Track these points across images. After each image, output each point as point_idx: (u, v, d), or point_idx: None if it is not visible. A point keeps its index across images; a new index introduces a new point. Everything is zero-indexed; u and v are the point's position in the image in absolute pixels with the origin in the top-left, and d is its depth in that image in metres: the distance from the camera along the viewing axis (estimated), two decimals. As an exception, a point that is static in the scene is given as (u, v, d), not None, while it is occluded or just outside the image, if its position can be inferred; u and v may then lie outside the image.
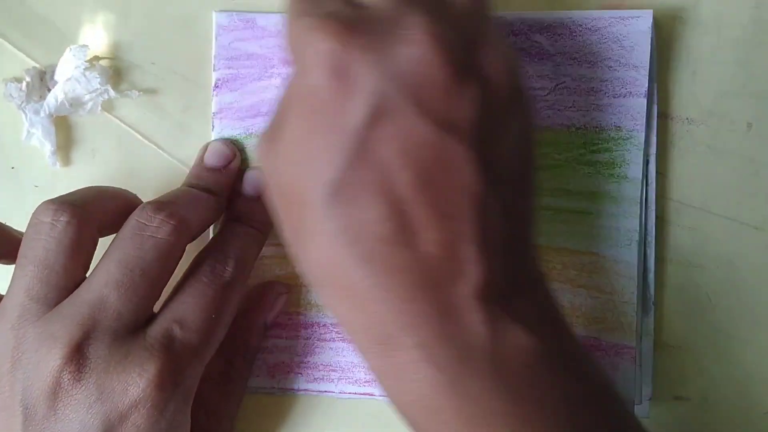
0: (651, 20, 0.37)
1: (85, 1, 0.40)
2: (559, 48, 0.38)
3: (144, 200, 0.40)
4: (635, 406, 0.38)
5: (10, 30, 0.41)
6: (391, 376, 0.30)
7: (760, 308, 0.38)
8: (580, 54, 0.38)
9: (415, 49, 0.28)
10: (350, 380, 0.39)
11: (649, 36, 0.37)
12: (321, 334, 0.39)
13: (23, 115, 0.40)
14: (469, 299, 0.28)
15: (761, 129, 0.38)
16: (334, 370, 0.39)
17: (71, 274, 0.33)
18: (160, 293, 0.34)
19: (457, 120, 0.28)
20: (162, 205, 0.34)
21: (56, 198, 0.34)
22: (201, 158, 0.39)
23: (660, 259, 0.38)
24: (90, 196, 0.36)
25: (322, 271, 0.30)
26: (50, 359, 0.31)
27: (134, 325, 0.33)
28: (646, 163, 0.38)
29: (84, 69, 0.39)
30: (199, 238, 0.37)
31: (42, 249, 0.33)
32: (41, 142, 0.40)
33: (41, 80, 0.41)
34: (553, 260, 0.38)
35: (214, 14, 0.39)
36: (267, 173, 0.32)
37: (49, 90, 0.40)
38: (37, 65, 0.40)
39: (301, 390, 0.40)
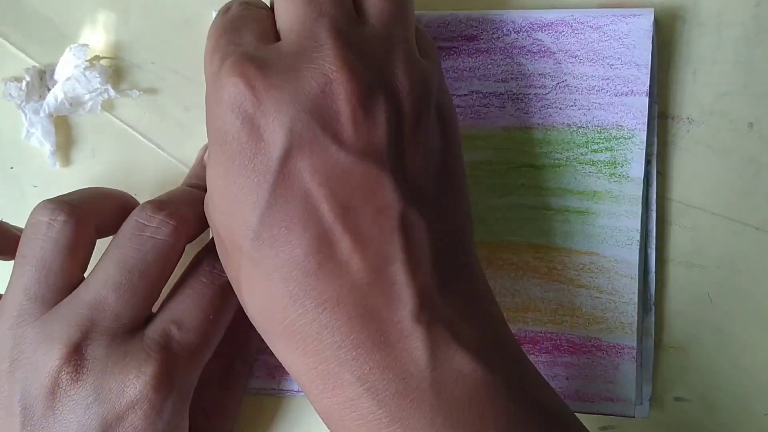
0: (652, 18, 0.37)
1: (85, 1, 0.40)
2: (561, 46, 0.38)
3: (143, 200, 0.40)
4: (636, 406, 0.38)
5: (9, 29, 0.41)
6: (335, 417, 0.29)
7: (761, 309, 0.38)
8: (582, 52, 0.38)
9: (322, 79, 0.29)
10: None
11: (651, 34, 0.37)
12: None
13: (23, 115, 0.40)
14: (407, 323, 0.28)
15: (762, 129, 0.38)
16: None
17: (69, 273, 0.33)
18: (159, 293, 0.34)
19: (369, 144, 0.29)
20: (162, 204, 0.34)
21: (54, 198, 0.34)
22: (201, 158, 0.39)
23: (661, 260, 0.38)
24: (88, 196, 0.36)
25: (261, 314, 0.30)
26: (49, 360, 0.32)
27: (132, 326, 0.33)
28: (648, 162, 0.38)
29: (84, 68, 0.39)
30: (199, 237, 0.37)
31: (39, 249, 0.33)
32: (41, 142, 0.40)
33: (41, 80, 0.41)
34: (553, 260, 0.38)
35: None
36: (207, 216, 0.33)
37: (49, 89, 0.40)
38: (37, 64, 0.40)
39: (301, 391, 0.39)
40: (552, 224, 0.38)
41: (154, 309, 0.34)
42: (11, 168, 0.41)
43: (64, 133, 0.41)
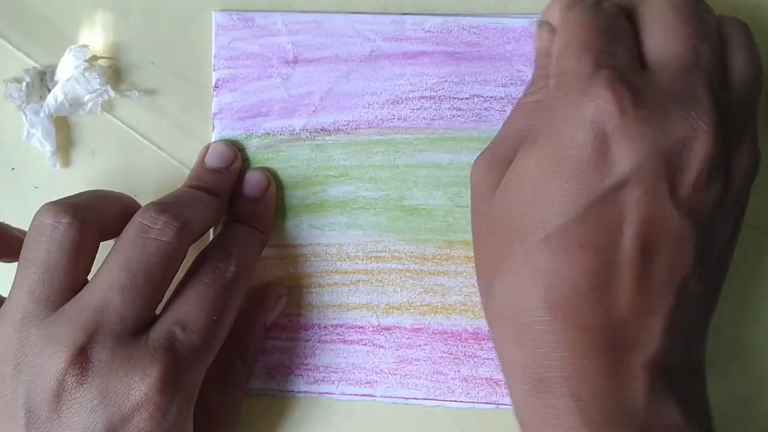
0: None
1: (85, 2, 0.40)
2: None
3: (143, 201, 0.40)
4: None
5: (10, 30, 0.41)
6: (535, 415, 0.31)
7: (761, 309, 0.38)
8: None
9: (688, 132, 0.29)
10: (350, 382, 0.39)
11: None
12: (321, 335, 0.39)
13: (23, 116, 0.40)
14: (638, 368, 0.29)
15: (762, 129, 0.37)
16: (334, 372, 0.39)
17: (73, 276, 0.33)
18: (163, 295, 0.34)
19: (696, 206, 0.29)
20: (165, 206, 0.34)
21: (58, 200, 0.34)
22: (202, 159, 0.39)
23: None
24: (91, 198, 0.36)
25: (506, 306, 0.31)
26: (53, 362, 0.32)
27: (137, 328, 0.33)
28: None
29: (84, 69, 0.39)
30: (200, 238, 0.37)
31: (44, 251, 0.33)
32: (41, 143, 0.40)
33: (41, 80, 0.40)
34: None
35: (213, 14, 0.39)
36: (477, 197, 0.33)
37: (49, 90, 0.40)
38: (37, 65, 0.40)
39: (302, 392, 0.40)
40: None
41: (159, 309, 0.35)
42: (12, 169, 0.41)
43: (65, 134, 0.41)
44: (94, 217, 0.34)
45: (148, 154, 0.40)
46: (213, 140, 0.39)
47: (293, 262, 0.40)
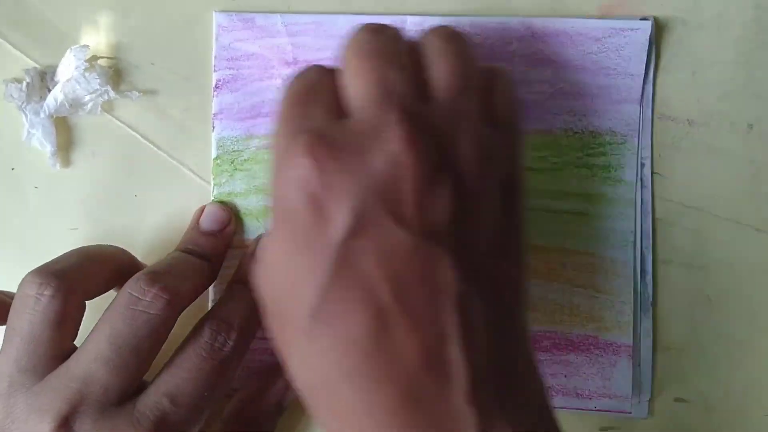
0: (649, 32, 0.38)
1: (85, 2, 0.40)
2: (561, 56, 0.38)
3: (143, 201, 0.40)
4: (633, 405, 0.38)
5: (10, 30, 0.41)
6: None
7: (761, 310, 0.38)
8: (580, 62, 0.38)
9: (389, 161, 0.28)
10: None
11: (647, 47, 0.38)
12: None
13: (23, 116, 0.40)
14: (460, 405, 0.28)
15: (762, 130, 0.38)
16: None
17: (58, 344, 0.34)
18: (150, 366, 0.34)
19: (431, 224, 0.28)
20: (156, 276, 0.34)
21: (42, 268, 0.34)
22: (196, 221, 0.39)
23: (661, 261, 0.39)
24: (76, 263, 0.36)
25: (312, 388, 0.30)
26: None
27: (121, 398, 0.33)
28: (642, 166, 0.38)
29: (84, 70, 0.39)
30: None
31: (27, 323, 0.33)
32: (41, 143, 0.40)
33: (41, 81, 0.40)
34: (553, 260, 0.39)
35: (214, 14, 0.39)
36: (258, 291, 0.32)
37: (49, 90, 0.40)
38: (38, 66, 0.40)
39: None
40: (550, 226, 0.38)
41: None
42: (12, 169, 0.41)
43: (65, 134, 0.41)
44: (79, 283, 0.35)
45: (148, 155, 0.40)
46: (213, 135, 0.40)
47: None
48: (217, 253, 0.39)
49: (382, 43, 0.32)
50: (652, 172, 0.38)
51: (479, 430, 0.27)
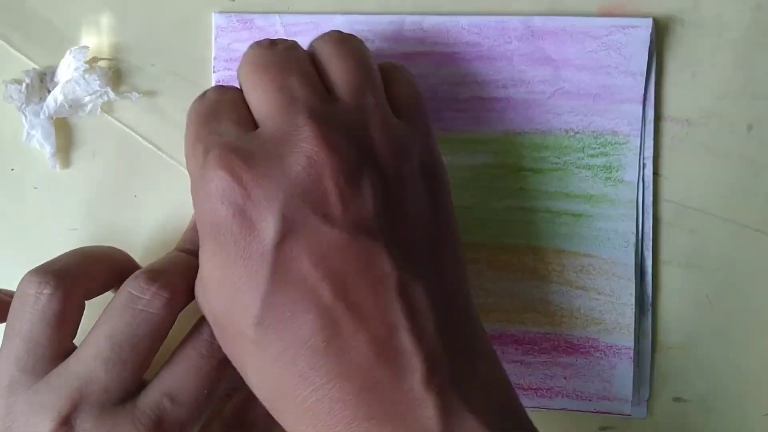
0: (650, 30, 0.37)
1: (85, 3, 0.40)
2: (561, 54, 0.38)
3: (143, 202, 0.40)
4: (633, 406, 0.38)
5: (10, 31, 0.41)
6: None
7: (760, 310, 0.38)
8: (581, 60, 0.38)
9: (305, 161, 0.29)
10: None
11: (648, 45, 0.37)
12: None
13: (23, 117, 0.40)
14: (417, 391, 0.28)
15: (761, 131, 0.38)
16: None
17: (57, 344, 0.34)
18: (150, 364, 0.34)
19: (359, 217, 0.29)
20: (155, 275, 0.34)
21: (41, 267, 0.35)
22: (194, 222, 0.39)
23: (660, 261, 0.38)
24: (75, 263, 0.36)
25: (270, 393, 0.31)
26: (39, 430, 0.32)
27: (122, 397, 0.33)
28: (643, 166, 0.38)
29: (84, 71, 0.39)
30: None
31: (27, 322, 0.33)
32: (41, 144, 0.40)
33: (41, 82, 0.41)
34: (552, 262, 0.39)
35: (213, 15, 0.39)
36: (202, 309, 0.33)
37: (49, 92, 0.40)
38: (38, 67, 0.40)
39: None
40: (550, 227, 0.38)
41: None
42: (12, 170, 0.41)
43: (64, 135, 0.41)
44: (78, 283, 0.35)
45: (148, 156, 0.40)
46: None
47: None
48: None
49: (277, 54, 0.32)
50: (653, 173, 0.38)
51: (439, 413, 0.28)
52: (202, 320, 0.35)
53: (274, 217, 0.29)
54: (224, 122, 0.32)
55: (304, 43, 0.39)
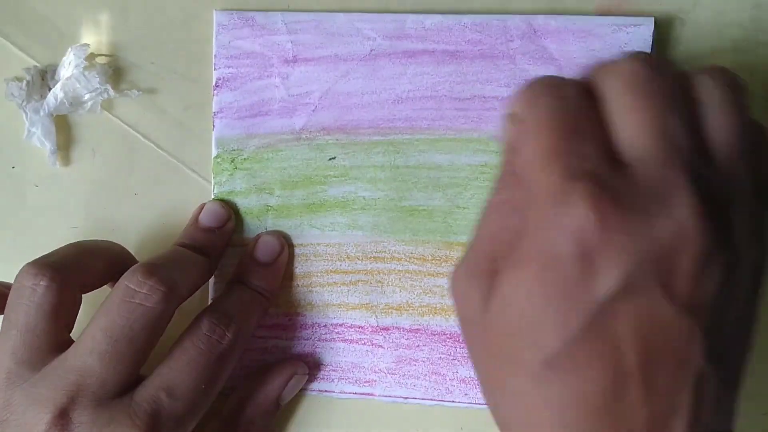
0: (652, 28, 0.37)
1: (86, 1, 0.40)
2: (564, 53, 0.38)
3: (143, 200, 0.40)
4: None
5: (11, 29, 0.41)
6: None
7: (761, 310, 0.38)
8: (584, 59, 0.38)
9: (674, 231, 0.27)
10: (350, 380, 0.39)
11: (650, 43, 0.37)
12: (321, 334, 0.40)
13: (24, 114, 0.40)
14: None
15: None
16: (334, 370, 0.40)
17: (54, 337, 0.34)
18: (147, 358, 0.34)
19: (696, 299, 0.27)
20: (153, 269, 0.34)
21: (38, 260, 0.35)
22: (196, 217, 0.39)
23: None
24: (71, 256, 0.36)
25: (515, 426, 0.30)
26: (36, 423, 0.32)
27: (119, 390, 0.33)
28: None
29: (84, 68, 0.39)
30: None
31: (23, 314, 0.34)
32: (41, 142, 0.40)
33: (42, 79, 0.40)
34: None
35: (214, 13, 0.39)
36: (464, 318, 0.31)
37: (50, 89, 0.40)
38: (38, 64, 0.40)
39: (301, 389, 0.40)
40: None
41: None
42: (12, 167, 0.41)
43: (65, 133, 0.41)
44: (74, 276, 0.35)
45: (148, 153, 0.40)
46: (213, 134, 0.40)
47: (294, 261, 0.40)
48: (215, 249, 0.39)
49: (660, 81, 0.29)
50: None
51: None
52: (201, 315, 0.36)
53: (620, 272, 0.27)
54: (590, 144, 0.29)
55: (304, 42, 0.39)
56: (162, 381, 0.34)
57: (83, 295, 0.36)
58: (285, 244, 0.39)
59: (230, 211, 0.40)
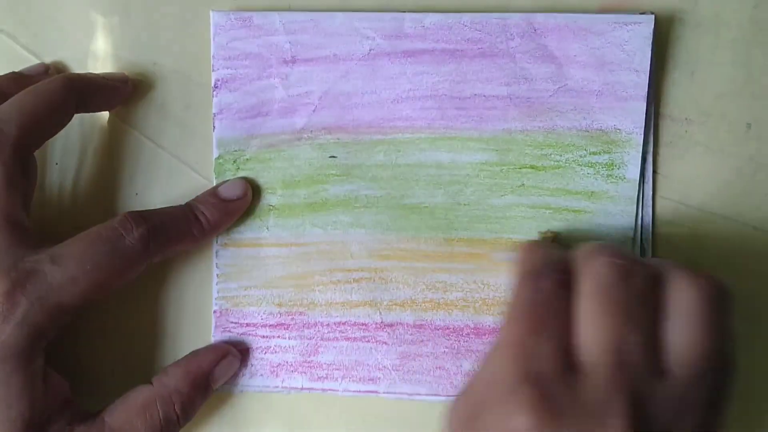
0: (653, 25, 0.37)
1: (88, 2, 0.40)
2: (564, 51, 0.38)
3: (144, 199, 0.40)
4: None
5: (15, 29, 0.41)
6: None
7: (759, 308, 0.39)
8: (584, 57, 0.38)
9: None
10: (353, 378, 0.40)
11: (651, 41, 0.37)
12: (324, 333, 0.40)
13: (24, 115, 0.40)
14: None
15: (760, 129, 0.38)
16: (337, 369, 0.40)
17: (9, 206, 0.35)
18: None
19: None
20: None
21: None
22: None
23: (659, 259, 0.39)
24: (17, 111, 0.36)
25: None
26: None
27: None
28: (643, 160, 0.38)
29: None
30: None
31: None
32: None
33: (43, 79, 0.40)
34: (553, 258, 0.39)
35: (210, 14, 0.39)
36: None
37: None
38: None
39: (305, 388, 0.40)
40: (551, 223, 0.39)
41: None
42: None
43: (66, 132, 0.40)
44: (23, 135, 0.35)
45: (149, 152, 0.40)
46: (214, 135, 0.40)
47: (296, 260, 0.40)
48: (218, 220, 0.39)
49: (627, 290, 0.30)
50: (653, 171, 0.38)
51: None
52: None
53: None
54: (549, 344, 0.30)
55: (303, 42, 0.39)
56: (54, 250, 0.34)
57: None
58: (249, 194, 0.39)
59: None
